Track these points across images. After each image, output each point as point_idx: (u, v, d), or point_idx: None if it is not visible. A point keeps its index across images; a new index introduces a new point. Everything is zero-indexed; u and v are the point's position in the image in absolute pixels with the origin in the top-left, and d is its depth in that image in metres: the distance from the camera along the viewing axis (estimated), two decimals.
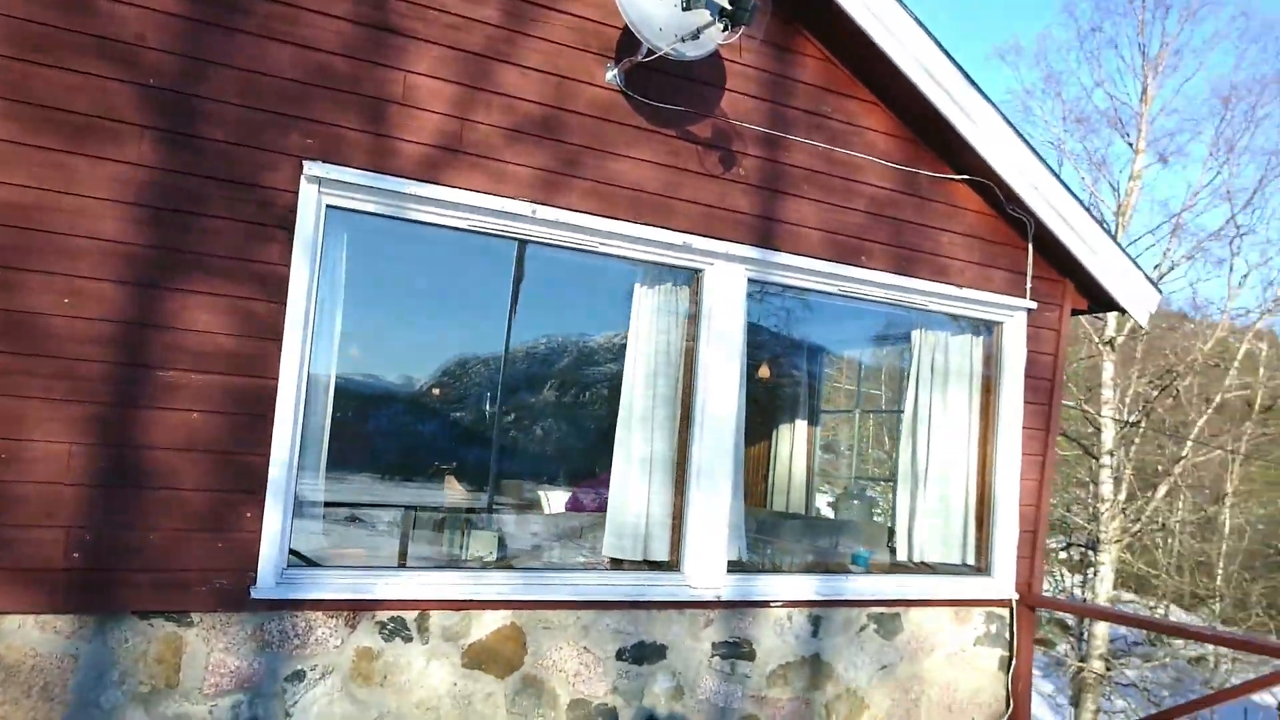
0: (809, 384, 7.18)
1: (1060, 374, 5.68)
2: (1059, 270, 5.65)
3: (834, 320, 6.92)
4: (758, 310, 7.24)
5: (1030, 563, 5.54)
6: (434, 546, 4.77)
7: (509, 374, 6.74)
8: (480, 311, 6.95)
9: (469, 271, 6.17)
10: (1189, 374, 16.33)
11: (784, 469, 7.06)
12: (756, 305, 7.18)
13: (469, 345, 8.97)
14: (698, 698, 4.54)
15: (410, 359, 8.58)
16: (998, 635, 5.45)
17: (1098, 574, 16.32)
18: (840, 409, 7.80)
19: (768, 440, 7.14)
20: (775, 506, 7.06)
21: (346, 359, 7.63)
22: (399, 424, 6.42)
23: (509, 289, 6.25)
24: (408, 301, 7.21)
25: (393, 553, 4.80)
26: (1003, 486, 5.47)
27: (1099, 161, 16.90)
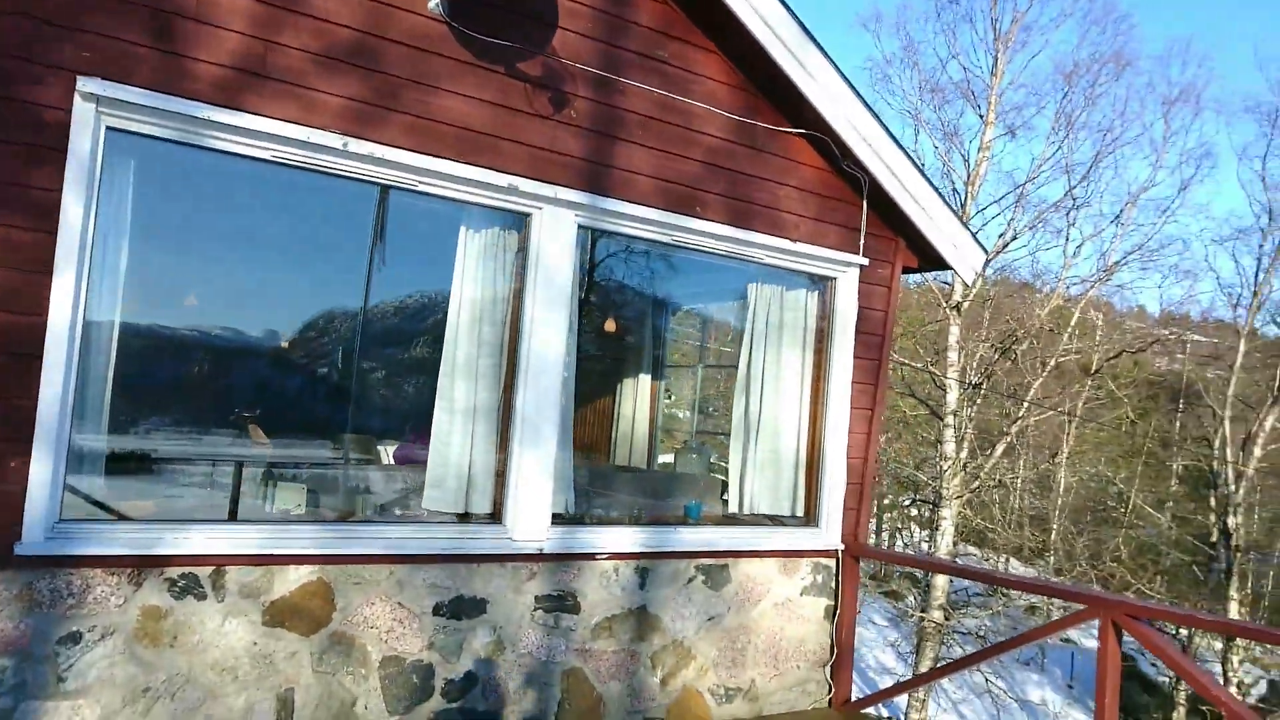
0: (655, 338, 7.15)
1: (890, 330, 5.79)
2: (892, 228, 5.74)
3: (682, 274, 6.89)
4: (606, 263, 7.16)
5: (857, 514, 5.66)
6: (236, 500, 4.50)
7: (367, 328, 6.44)
8: (341, 262, 6.60)
9: (323, 217, 5.83)
10: (1027, 339, 17.20)
11: (627, 423, 7.03)
12: (606, 258, 7.10)
13: (325, 297, 8.56)
14: (519, 652, 4.46)
15: (249, 309, 8.12)
16: (824, 585, 5.56)
17: (940, 529, 17.10)
18: (687, 364, 7.80)
19: (612, 394, 7.09)
20: (618, 460, 7.03)
21: (174, 305, 7.16)
22: (219, 374, 6.06)
23: (369, 237, 5.95)
24: (242, 247, 6.78)
25: (191, 506, 4.51)
26: (832, 440, 5.56)
27: (951, 132, 17.49)
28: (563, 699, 4.58)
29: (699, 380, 7.47)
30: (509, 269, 4.55)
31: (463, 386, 4.45)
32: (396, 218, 4.67)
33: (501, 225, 4.54)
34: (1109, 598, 4.23)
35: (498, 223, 4.53)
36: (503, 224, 4.54)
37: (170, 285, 6.49)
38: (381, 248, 5.56)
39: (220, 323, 7.11)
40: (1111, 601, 4.23)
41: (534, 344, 4.47)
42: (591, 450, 7.07)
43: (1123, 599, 4.02)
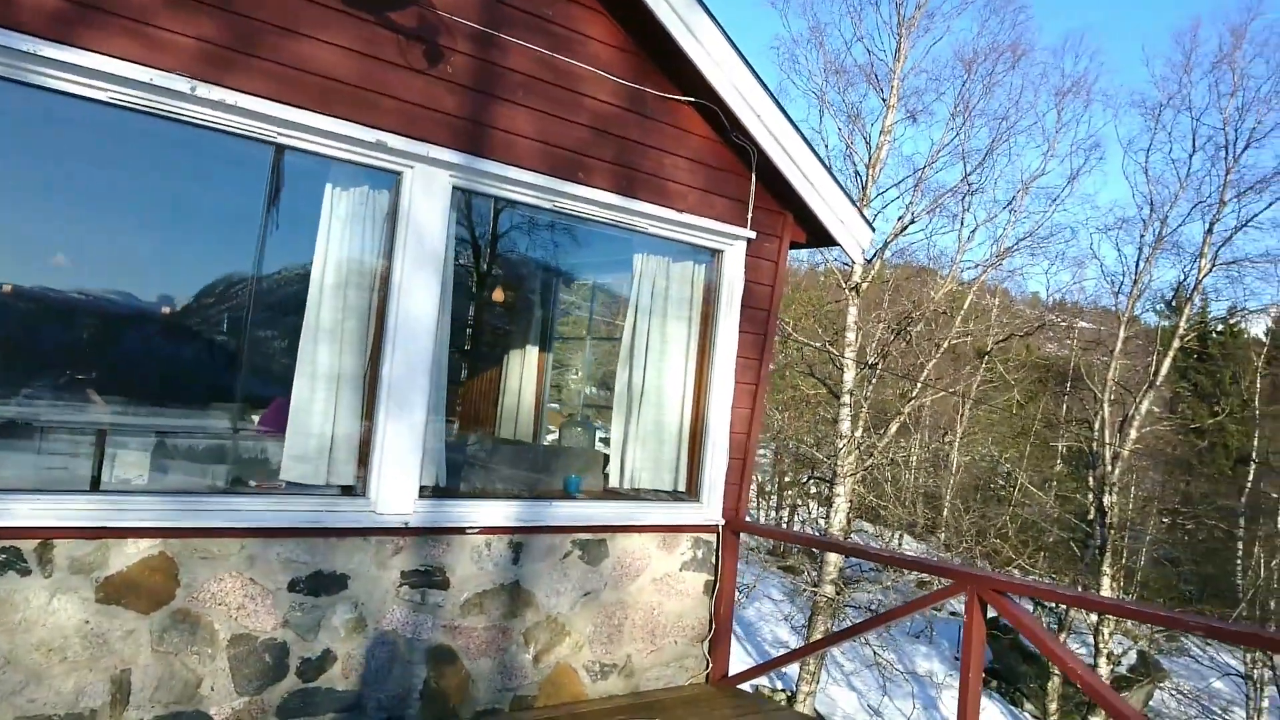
0: (545, 309, 6.99)
1: (777, 305, 5.76)
2: (780, 202, 5.69)
3: (574, 244, 6.74)
4: (496, 231, 6.95)
5: (739, 489, 5.64)
6: (69, 469, 4.20)
7: (258, 294, 6.05)
8: (234, 225, 6.18)
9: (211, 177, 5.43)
10: (921, 321, 17.59)
11: (514, 395, 6.87)
12: (496, 226, 6.89)
13: (214, 262, 8.07)
14: (383, 629, 4.29)
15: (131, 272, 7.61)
16: (704, 560, 5.52)
17: (834, 505, 17.42)
18: (578, 336, 7.67)
19: (499, 365, 6.91)
20: (504, 433, 6.87)
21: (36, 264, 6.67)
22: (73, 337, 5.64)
23: (262, 199, 5.59)
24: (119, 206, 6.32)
25: (16, 475, 4.19)
26: (716, 414, 5.51)
27: (855, 115, 17.67)
28: (429, 677, 4.43)
29: (588, 353, 7.34)
30: (378, 230, 4.33)
31: (326, 352, 4.22)
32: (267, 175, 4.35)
33: (371, 184, 4.31)
34: (974, 573, 4.28)
35: (366, 181, 4.30)
36: (372, 183, 4.31)
37: (36, 243, 6.03)
38: (276, 210, 5.28)
39: (99, 285, 6.66)
40: (976, 576, 4.28)
41: (403, 309, 4.27)
42: (475, 422, 6.90)
43: (987, 574, 4.07)
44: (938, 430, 38.08)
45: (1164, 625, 4.27)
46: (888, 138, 17.25)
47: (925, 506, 30.73)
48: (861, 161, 17.58)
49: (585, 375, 7.80)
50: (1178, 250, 18.95)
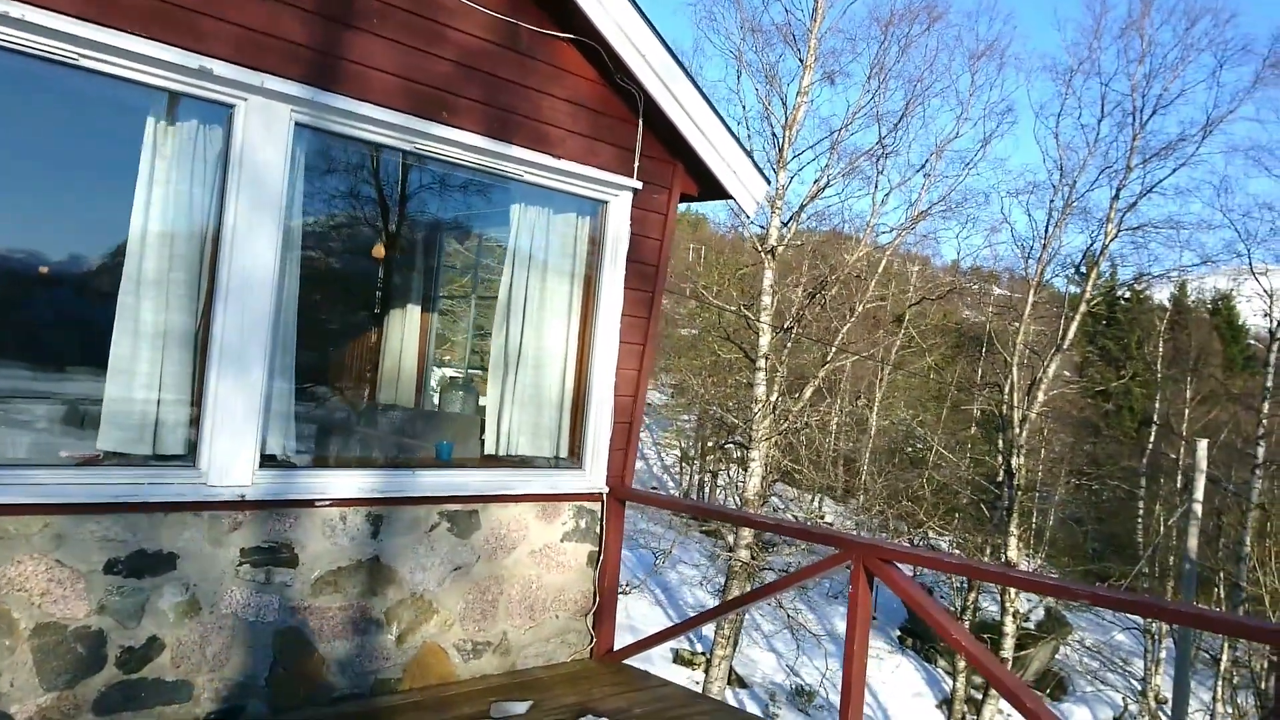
0: (427, 265, 6.57)
1: (666, 260, 5.45)
2: (670, 151, 5.36)
3: (461, 196, 6.31)
4: (378, 181, 6.48)
5: (625, 455, 5.35)
6: None
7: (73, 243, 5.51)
8: (42, 163, 5.55)
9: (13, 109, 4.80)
10: (836, 284, 17.52)
11: (395, 357, 6.45)
12: (380, 176, 6.41)
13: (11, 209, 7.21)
14: (220, 612, 3.89)
15: None
16: (588, 530, 5.23)
17: (750, 470, 17.35)
18: (464, 294, 7.26)
19: (379, 326, 6.48)
20: (385, 397, 6.45)
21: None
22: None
23: (73, 133, 5.03)
24: None
25: None
26: (599, 376, 5.19)
27: (773, 75, 17.39)
28: (276, 661, 4.06)
29: (474, 312, 6.96)
30: (210, 171, 3.88)
31: (150, 307, 3.77)
32: (74, 105, 3.82)
33: (201, 118, 3.85)
34: (860, 541, 4.06)
35: (195, 115, 3.84)
36: (202, 117, 3.85)
37: None
38: (87, 146, 4.73)
39: None
40: (862, 545, 4.06)
41: (238, 260, 3.84)
42: (343, 387, 6.47)
43: (873, 542, 3.85)
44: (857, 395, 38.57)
45: (1050, 594, 4.18)
46: (805, 99, 17.03)
47: (845, 470, 31.13)
48: (779, 123, 17.36)
49: (470, 336, 7.41)
50: (1086, 216, 19.25)
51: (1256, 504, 19.17)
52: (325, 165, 4.49)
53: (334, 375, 6.16)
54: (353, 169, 5.03)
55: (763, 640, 27.75)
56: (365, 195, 5.75)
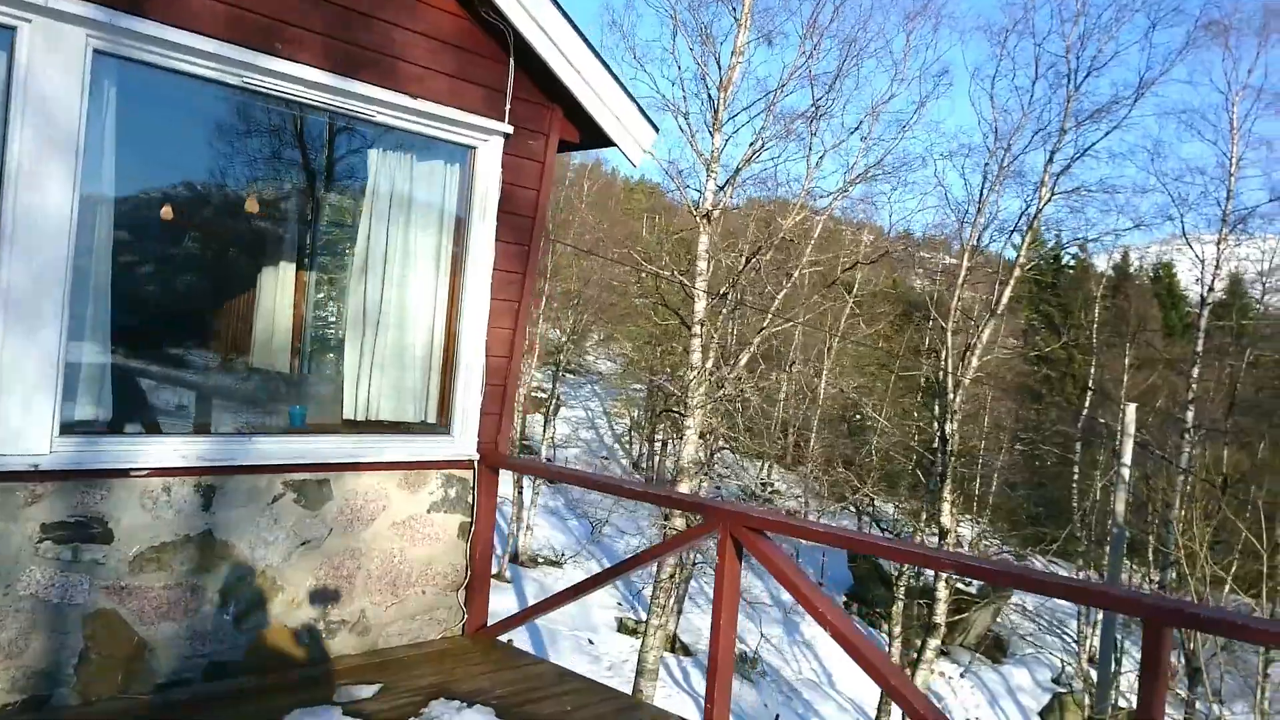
0: (303, 219, 6.14)
1: (544, 212, 5.10)
2: (546, 95, 5.00)
3: (343, 144, 5.89)
4: (248, 126, 6.02)
5: (499, 420, 5.02)
6: None
7: None
8: None
9: None
10: (770, 250, 17.26)
11: (267, 318, 6.05)
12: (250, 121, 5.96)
13: None
14: (18, 594, 3.51)
15: None
16: (458, 499, 4.90)
17: (684, 437, 17.13)
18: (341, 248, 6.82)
19: (242, 284, 6.06)
20: (258, 361, 6.05)
21: None
22: None
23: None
24: None
25: None
26: (469, 335, 4.85)
27: (707, 34, 16.96)
28: (87, 648, 3.69)
29: (350, 268, 6.55)
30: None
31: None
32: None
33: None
34: (727, 509, 3.79)
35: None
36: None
37: None
38: None
39: None
40: (730, 513, 3.79)
41: (22, 199, 3.42)
42: (199, 347, 6.05)
43: (741, 510, 3.58)
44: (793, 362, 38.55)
45: (919, 563, 3.94)
46: (740, 59, 16.65)
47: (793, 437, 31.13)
48: (714, 84, 16.96)
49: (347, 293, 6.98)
50: (1021, 179, 19.15)
51: (1182, 469, 19.39)
52: (147, 102, 4.08)
53: (177, 335, 5.73)
54: (185, 108, 4.59)
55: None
56: (212, 140, 5.30)
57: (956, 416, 18.21)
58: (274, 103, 4.22)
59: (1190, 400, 20.60)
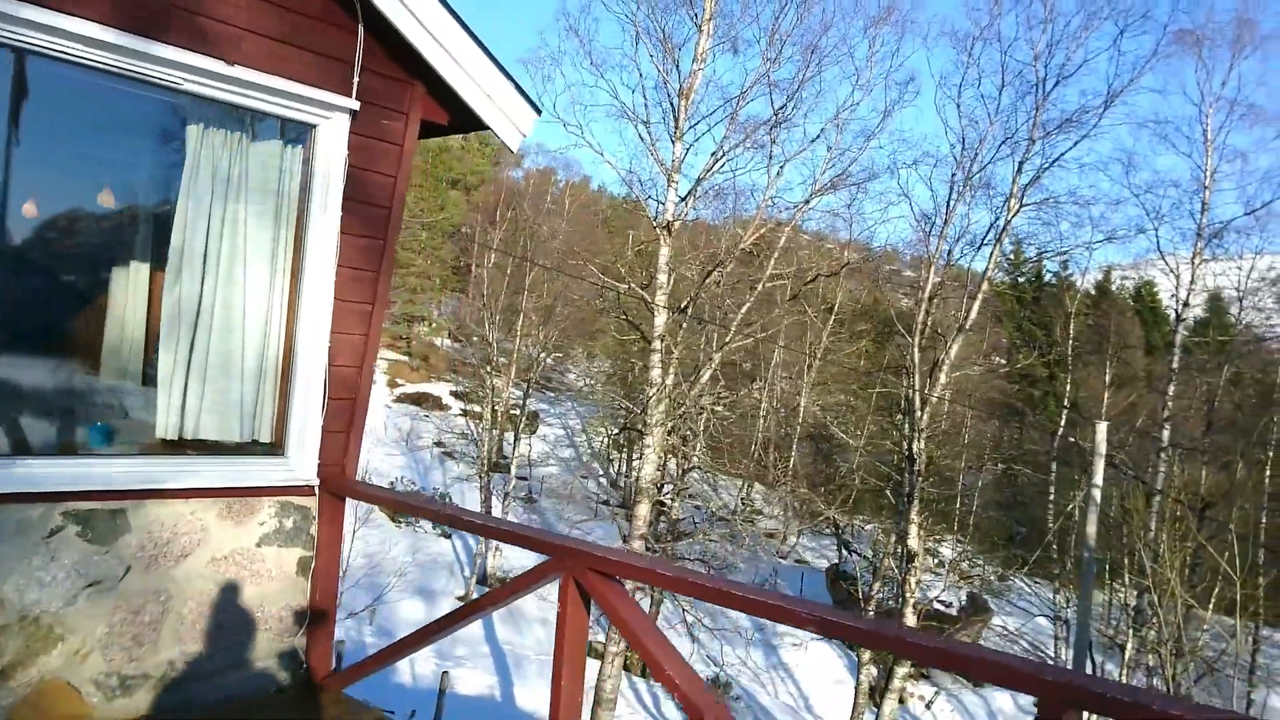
0: (157, 213, 5.48)
1: (400, 202, 4.47)
2: (407, 69, 4.39)
3: (151, 118, 5.16)
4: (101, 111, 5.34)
5: (346, 439, 4.38)
6: None
7: None
8: None
9: None
10: (731, 262, 16.68)
11: (117, 324, 5.38)
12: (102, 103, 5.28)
13: None
14: None
15: None
16: (296, 530, 4.26)
17: (643, 456, 16.50)
18: None
19: (105, 289, 5.38)
20: (109, 372, 5.38)
21: None
22: None
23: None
24: None
25: None
26: (308, 342, 4.21)
27: (667, 40, 16.41)
28: None
29: None
30: None
31: None
32: None
33: None
34: (572, 548, 3.16)
35: None
36: None
37: None
38: None
39: None
40: (575, 552, 3.16)
41: None
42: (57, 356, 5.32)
43: (587, 550, 2.97)
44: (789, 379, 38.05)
45: (773, 617, 3.42)
46: (701, 66, 16.12)
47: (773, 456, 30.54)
48: (675, 92, 16.42)
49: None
50: (990, 191, 18.62)
51: (1152, 489, 18.82)
52: (98, 110, 3.54)
53: (87, 346, 4.96)
54: (120, 112, 3.98)
55: (683, 629, 27.06)
56: (104, 131, 4.59)
57: (923, 435, 17.61)
58: (55, 64, 3.59)
59: (1166, 418, 20.07)
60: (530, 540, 3.35)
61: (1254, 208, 20.69)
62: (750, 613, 2.66)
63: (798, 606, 2.56)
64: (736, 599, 2.71)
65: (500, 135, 4.59)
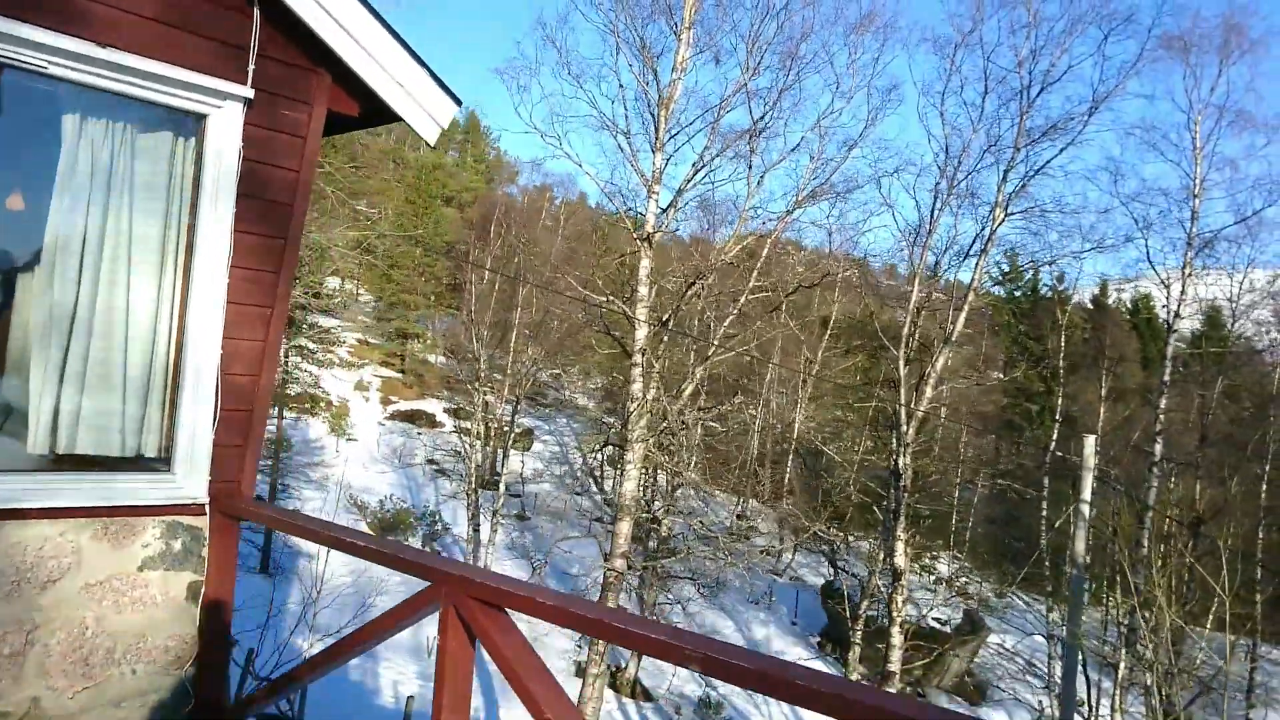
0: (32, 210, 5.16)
1: (305, 198, 4.17)
2: (310, 56, 4.09)
3: (20, 106, 4.86)
4: None
5: (242, 454, 4.06)
6: None
7: None
8: None
9: None
10: (712, 274, 16.38)
11: (21, 330, 5.08)
12: None
13: None
14: None
15: None
16: (185, 554, 3.93)
17: (624, 472, 16.15)
18: None
19: (11, 297, 5.09)
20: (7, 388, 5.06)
21: None
22: None
23: None
24: None
25: None
26: (198, 348, 3.89)
27: (646, 48, 16.18)
28: None
29: None
30: None
31: None
32: None
33: None
34: (455, 574, 2.83)
35: None
36: None
37: None
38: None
39: None
40: (458, 579, 2.83)
41: None
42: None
43: (469, 574, 2.62)
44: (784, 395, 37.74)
45: (653, 652, 3.17)
46: (681, 75, 15.88)
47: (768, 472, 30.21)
48: (655, 102, 16.16)
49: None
50: (975, 200, 18.30)
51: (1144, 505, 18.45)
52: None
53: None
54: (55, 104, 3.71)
55: None
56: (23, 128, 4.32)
57: (909, 450, 17.26)
58: None
59: (1158, 432, 19.71)
60: (408, 563, 3.02)
61: (1244, 216, 20.41)
62: (628, 646, 2.34)
63: (675, 640, 2.23)
64: (615, 630, 2.38)
65: (415, 127, 4.29)
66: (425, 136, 4.31)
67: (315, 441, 35.25)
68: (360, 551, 3.19)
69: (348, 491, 31.42)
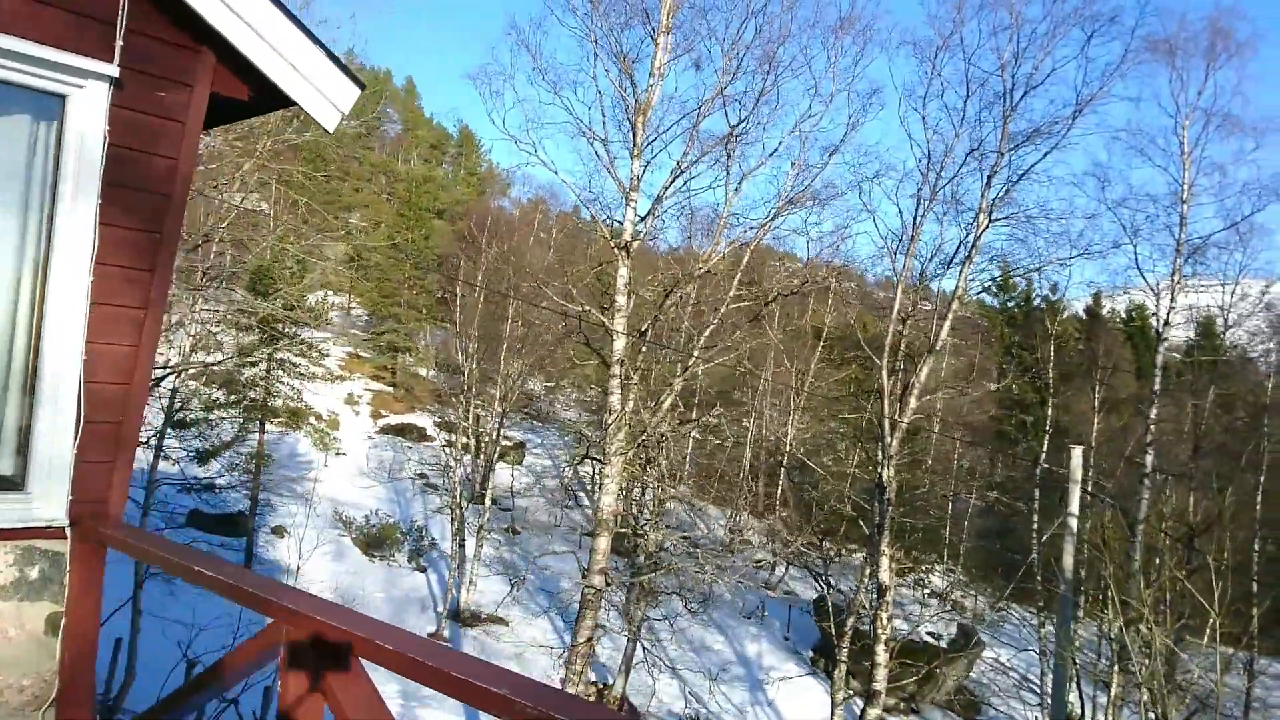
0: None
1: (185, 189, 3.79)
2: (192, 34, 3.73)
3: None
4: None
5: (110, 471, 3.67)
6: None
7: None
8: None
9: None
10: (690, 283, 16.04)
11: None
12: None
13: None
14: None
15: None
16: (44, 582, 3.53)
17: (603, 486, 15.76)
18: None
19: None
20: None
21: None
22: None
23: None
24: None
25: None
26: (57, 354, 3.51)
27: (622, 53, 15.86)
28: None
29: None
30: None
31: None
32: None
33: None
34: (299, 611, 2.45)
35: None
36: None
37: None
38: None
39: None
40: (297, 616, 2.45)
41: None
42: None
43: (311, 612, 2.23)
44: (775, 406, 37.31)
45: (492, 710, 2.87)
46: (658, 81, 15.56)
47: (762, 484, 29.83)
48: (632, 108, 15.84)
49: None
50: (958, 206, 17.96)
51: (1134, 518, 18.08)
52: None
53: None
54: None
55: (665, 665, 26.18)
56: None
57: (893, 462, 16.87)
58: None
59: (1149, 442, 19.33)
60: (247, 595, 2.63)
61: (1234, 221, 20.07)
62: (464, 700, 1.96)
63: (512, 695, 1.85)
64: (426, 670, 2.00)
65: (312, 113, 3.93)
66: (324, 123, 3.95)
67: (302, 456, 34.87)
68: (206, 581, 2.80)
69: (333, 506, 31.01)
